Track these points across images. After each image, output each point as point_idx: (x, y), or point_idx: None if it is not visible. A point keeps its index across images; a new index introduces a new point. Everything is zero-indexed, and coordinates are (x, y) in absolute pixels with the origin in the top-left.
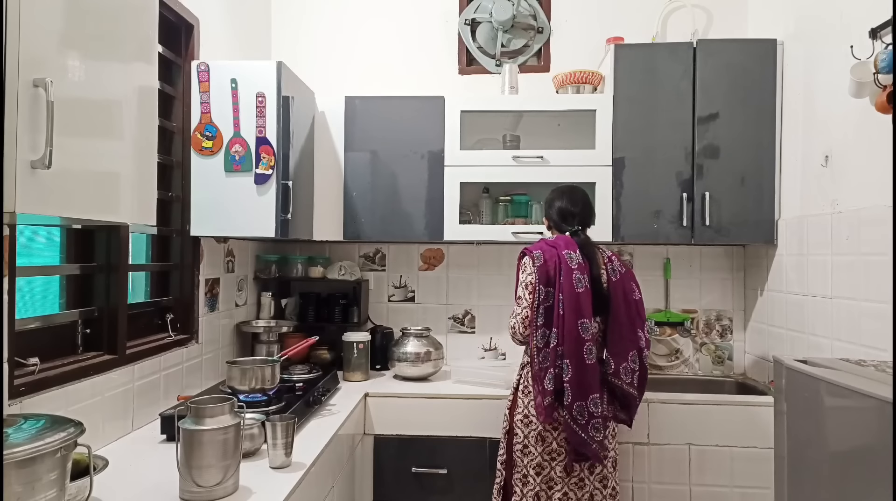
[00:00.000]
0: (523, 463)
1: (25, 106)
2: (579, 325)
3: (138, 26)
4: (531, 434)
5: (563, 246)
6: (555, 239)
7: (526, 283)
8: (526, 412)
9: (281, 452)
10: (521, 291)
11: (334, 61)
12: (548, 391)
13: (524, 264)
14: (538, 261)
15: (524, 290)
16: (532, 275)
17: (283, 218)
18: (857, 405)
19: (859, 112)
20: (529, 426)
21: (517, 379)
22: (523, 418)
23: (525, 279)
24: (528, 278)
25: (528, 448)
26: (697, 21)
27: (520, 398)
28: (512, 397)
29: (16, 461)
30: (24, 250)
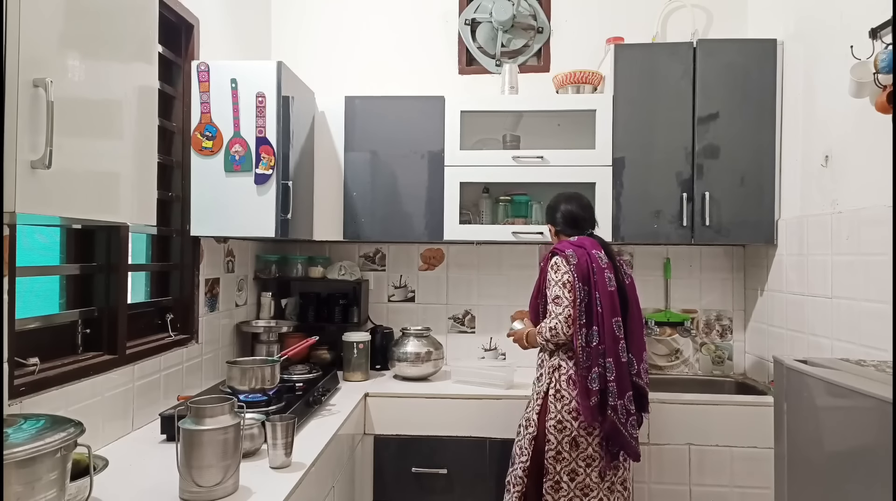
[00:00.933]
0: (556, 470)
1: (25, 106)
2: (614, 323)
3: (138, 26)
4: (565, 440)
5: (589, 246)
6: (578, 240)
7: (563, 282)
8: (560, 417)
9: (281, 452)
10: (560, 290)
11: (334, 61)
12: (593, 391)
13: (556, 264)
14: (573, 260)
15: (562, 289)
16: (569, 274)
17: (283, 218)
18: (857, 405)
19: (859, 112)
20: (563, 431)
21: (547, 383)
22: (557, 423)
23: (562, 278)
24: (565, 276)
25: (562, 454)
26: (697, 21)
27: (551, 403)
28: (541, 402)
29: (16, 461)
30: (25, 250)
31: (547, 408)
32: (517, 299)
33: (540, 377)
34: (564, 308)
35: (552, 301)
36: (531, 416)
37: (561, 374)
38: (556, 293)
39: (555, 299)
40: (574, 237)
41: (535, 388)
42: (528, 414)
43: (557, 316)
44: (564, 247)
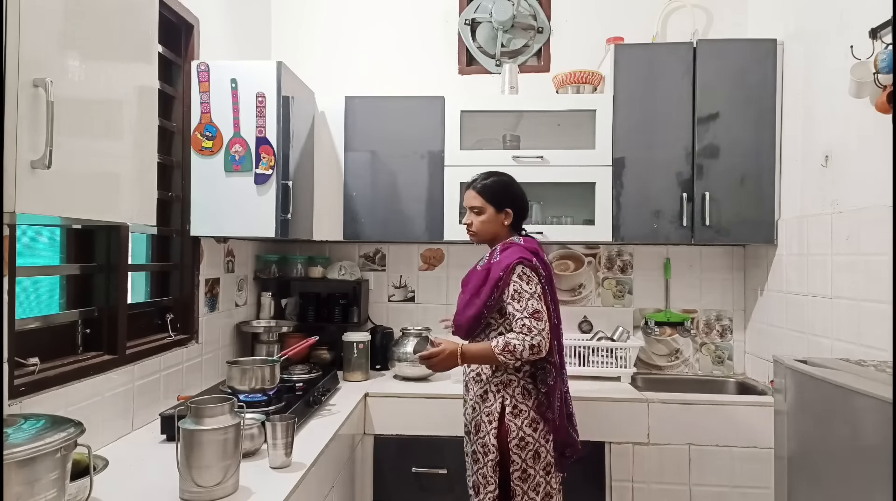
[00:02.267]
0: (524, 490)
1: (25, 106)
2: (560, 332)
3: (138, 26)
4: (528, 456)
5: (538, 250)
6: (528, 243)
7: (539, 294)
8: (521, 434)
9: (281, 452)
10: (538, 303)
11: (334, 61)
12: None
13: (526, 275)
14: (541, 271)
15: (540, 302)
16: (541, 285)
17: (283, 218)
18: (857, 405)
19: (859, 112)
20: (526, 447)
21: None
22: (519, 441)
23: (536, 291)
24: (538, 288)
25: (527, 472)
26: (697, 21)
27: (510, 422)
28: (497, 424)
29: (16, 461)
30: (25, 250)
31: (507, 428)
32: None
33: (484, 398)
34: (545, 323)
35: (531, 316)
36: (488, 441)
37: (513, 388)
38: (536, 307)
39: (534, 314)
40: (520, 238)
41: (481, 410)
42: (484, 440)
43: (541, 332)
44: (525, 255)
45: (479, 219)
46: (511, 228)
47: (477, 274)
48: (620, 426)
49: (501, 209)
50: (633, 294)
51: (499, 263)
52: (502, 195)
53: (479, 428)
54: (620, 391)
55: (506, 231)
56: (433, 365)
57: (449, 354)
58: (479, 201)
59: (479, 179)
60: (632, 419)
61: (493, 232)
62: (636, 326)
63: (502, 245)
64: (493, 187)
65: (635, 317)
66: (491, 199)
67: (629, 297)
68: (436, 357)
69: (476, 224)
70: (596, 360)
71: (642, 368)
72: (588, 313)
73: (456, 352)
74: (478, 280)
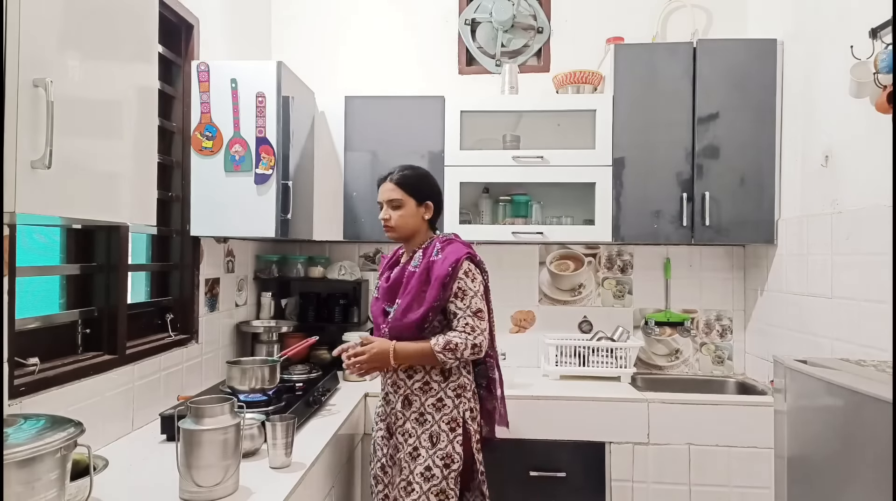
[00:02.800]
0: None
1: (25, 106)
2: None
3: (138, 26)
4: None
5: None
6: (457, 238)
7: (482, 293)
8: (478, 436)
9: (281, 452)
10: (481, 302)
11: (334, 61)
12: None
13: (471, 272)
14: (483, 265)
15: (482, 301)
16: (483, 283)
17: (283, 218)
18: (857, 405)
19: (859, 112)
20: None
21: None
22: (477, 444)
23: (479, 289)
24: (482, 286)
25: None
26: (697, 21)
27: (470, 427)
28: (461, 430)
29: (16, 461)
30: (25, 250)
31: (469, 434)
32: (517, 299)
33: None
34: (486, 323)
35: (474, 314)
36: (451, 451)
37: (467, 390)
38: (479, 306)
39: (477, 313)
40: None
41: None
42: (447, 450)
43: (483, 332)
44: (470, 251)
45: (398, 213)
46: (429, 223)
47: (415, 276)
48: (620, 426)
49: (422, 202)
50: (633, 294)
51: (443, 260)
52: (422, 188)
53: (437, 439)
54: (620, 391)
55: (425, 226)
56: (362, 365)
57: (379, 351)
58: (399, 193)
59: (396, 172)
60: (632, 419)
61: (413, 227)
62: (636, 326)
63: (440, 241)
64: (412, 179)
65: (635, 317)
66: (411, 191)
67: (629, 297)
68: (363, 355)
69: (395, 219)
70: (596, 360)
71: (642, 368)
72: (588, 313)
73: (388, 351)
74: (418, 281)
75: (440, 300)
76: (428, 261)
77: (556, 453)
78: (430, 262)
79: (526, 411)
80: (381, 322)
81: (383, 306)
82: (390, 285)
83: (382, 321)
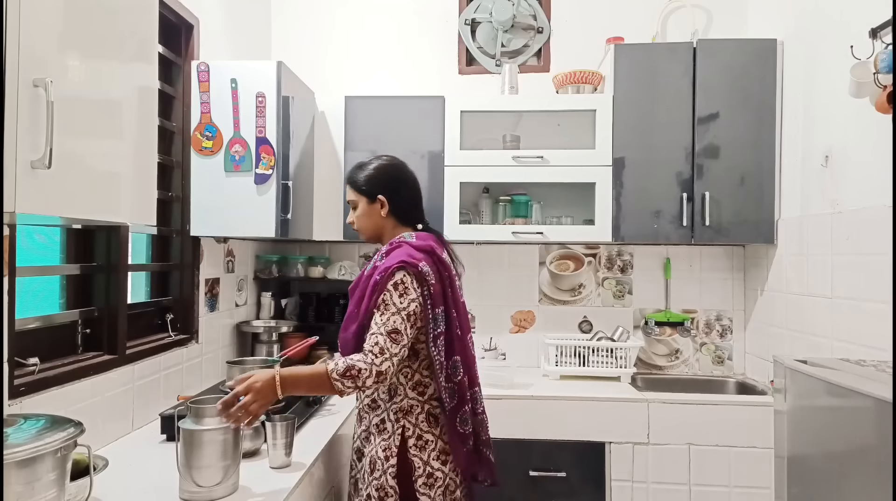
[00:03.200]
0: None
1: (25, 106)
2: (470, 341)
3: (138, 26)
4: (438, 494)
5: (437, 247)
6: (420, 238)
7: (409, 312)
8: (429, 470)
9: (281, 452)
10: (401, 323)
11: (334, 61)
12: (467, 434)
13: (403, 284)
14: (430, 279)
15: (405, 322)
16: (417, 302)
17: (283, 218)
18: (857, 405)
19: (859, 112)
20: (436, 484)
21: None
22: (427, 478)
23: (407, 307)
24: (412, 305)
25: None
26: (697, 21)
27: (414, 457)
28: (396, 461)
29: (16, 461)
30: (25, 250)
31: (411, 466)
32: (517, 299)
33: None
34: (401, 348)
35: (387, 334)
36: (385, 483)
37: (415, 415)
38: (395, 326)
39: (392, 334)
40: (412, 235)
41: (376, 443)
42: (380, 481)
43: (392, 358)
44: (412, 256)
45: (356, 214)
46: (397, 219)
47: (363, 281)
48: (620, 426)
49: (374, 198)
50: (633, 294)
51: (380, 268)
52: (373, 183)
53: (374, 467)
54: (620, 391)
55: (390, 224)
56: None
57: (261, 386)
58: (351, 193)
59: (351, 169)
60: (632, 419)
61: (374, 226)
62: (636, 326)
63: (390, 244)
64: (364, 176)
65: (635, 317)
66: (361, 189)
67: (629, 297)
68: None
69: (355, 221)
70: (596, 360)
71: (642, 368)
72: (588, 313)
73: (273, 382)
74: (360, 291)
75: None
76: (374, 266)
77: (556, 453)
78: (375, 267)
79: (526, 411)
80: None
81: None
82: (351, 288)
83: None
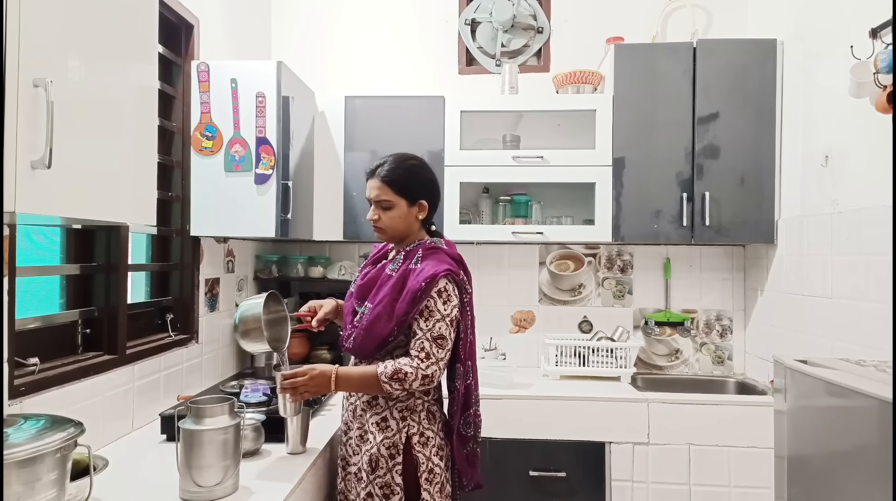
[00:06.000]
0: None
1: (25, 106)
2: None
3: (138, 26)
4: (436, 491)
5: (461, 257)
6: (449, 248)
7: (452, 318)
8: (430, 466)
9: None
10: (446, 329)
11: (334, 61)
12: (469, 437)
13: (448, 293)
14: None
15: (449, 328)
16: (457, 308)
17: (283, 218)
18: (857, 405)
19: (859, 112)
20: (435, 480)
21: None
22: (429, 474)
23: (451, 314)
24: (454, 312)
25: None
26: (697, 21)
27: (418, 454)
28: (402, 458)
29: (16, 461)
30: (25, 250)
31: (416, 462)
32: (517, 299)
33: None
34: (447, 353)
35: (434, 340)
36: (390, 481)
37: (418, 413)
38: (442, 333)
39: (438, 340)
40: (441, 240)
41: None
42: (385, 479)
43: (439, 361)
44: (452, 266)
45: (389, 215)
46: (422, 223)
47: (390, 281)
48: (620, 426)
49: (415, 202)
50: (633, 294)
51: (419, 271)
52: (415, 185)
53: (376, 465)
54: (620, 391)
55: (418, 226)
56: (296, 389)
57: (319, 375)
58: (388, 193)
59: (384, 166)
60: (632, 419)
61: (405, 229)
62: (636, 326)
63: (424, 248)
64: (403, 176)
65: (635, 317)
66: (402, 191)
67: (629, 297)
68: (301, 378)
69: (384, 220)
70: (596, 360)
71: (642, 368)
72: (588, 313)
73: (329, 375)
74: (392, 290)
75: (408, 315)
76: (406, 268)
77: (556, 453)
78: (407, 269)
79: (526, 411)
80: (349, 321)
81: (354, 305)
82: (365, 283)
83: (350, 321)
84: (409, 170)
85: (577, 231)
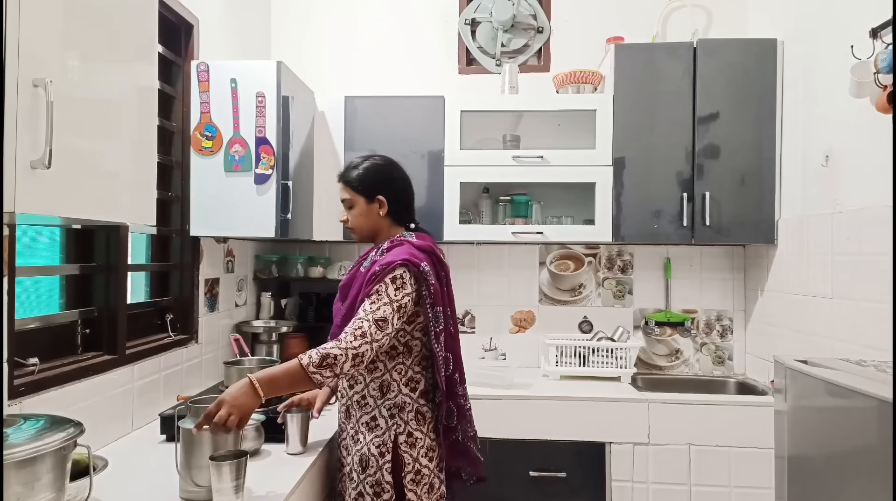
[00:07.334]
0: None
1: (25, 106)
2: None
3: (138, 26)
4: (423, 490)
5: (434, 249)
6: (420, 240)
7: (400, 304)
8: (417, 466)
9: (297, 440)
10: (390, 313)
11: (334, 61)
12: (452, 427)
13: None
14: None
15: (395, 313)
16: (409, 297)
17: (283, 218)
18: (857, 405)
19: (859, 112)
20: (422, 480)
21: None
22: (415, 475)
23: (400, 300)
24: (406, 299)
25: None
26: (697, 21)
27: (405, 454)
28: (391, 456)
29: (16, 461)
30: (25, 250)
31: (402, 461)
32: (517, 299)
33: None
34: (384, 337)
35: (374, 322)
36: (381, 478)
37: (406, 412)
38: (384, 315)
39: (378, 322)
40: (411, 235)
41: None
42: (376, 477)
43: (373, 343)
44: (415, 255)
45: (353, 213)
46: (393, 220)
47: (359, 277)
48: (620, 426)
49: (373, 199)
50: (633, 294)
51: (382, 260)
52: (372, 182)
53: (367, 464)
54: (620, 391)
55: (387, 223)
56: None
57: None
58: (348, 192)
59: (348, 168)
60: (632, 419)
61: (371, 226)
62: (636, 326)
63: (390, 242)
64: (360, 175)
65: (635, 317)
66: (359, 188)
67: (629, 297)
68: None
69: (351, 220)
70: (596, 360)
71: (642, 368)
72: (588, 313)
73: (245, 386)
74: (358, 284)
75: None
76: (373, 262)
77: (556, 453)
78: (374, 263)
79: (526, 411)
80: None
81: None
82: (345, 283)
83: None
84: (366, 168)
85: (577, 231)
